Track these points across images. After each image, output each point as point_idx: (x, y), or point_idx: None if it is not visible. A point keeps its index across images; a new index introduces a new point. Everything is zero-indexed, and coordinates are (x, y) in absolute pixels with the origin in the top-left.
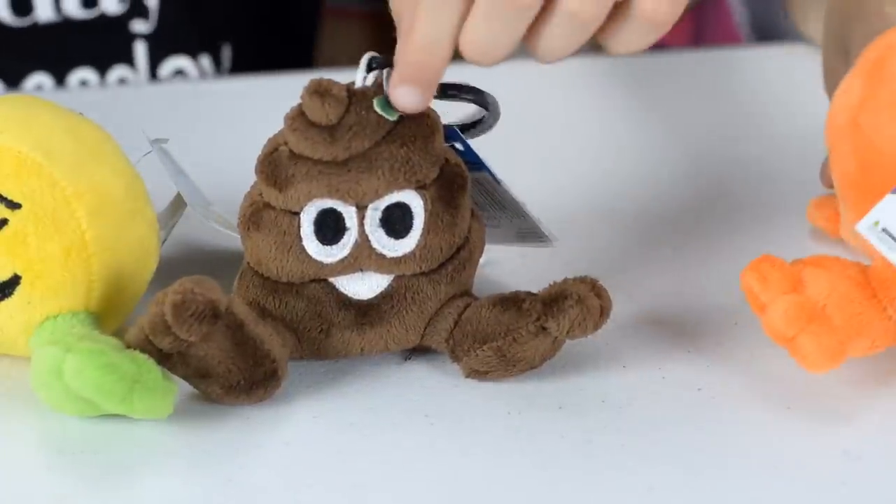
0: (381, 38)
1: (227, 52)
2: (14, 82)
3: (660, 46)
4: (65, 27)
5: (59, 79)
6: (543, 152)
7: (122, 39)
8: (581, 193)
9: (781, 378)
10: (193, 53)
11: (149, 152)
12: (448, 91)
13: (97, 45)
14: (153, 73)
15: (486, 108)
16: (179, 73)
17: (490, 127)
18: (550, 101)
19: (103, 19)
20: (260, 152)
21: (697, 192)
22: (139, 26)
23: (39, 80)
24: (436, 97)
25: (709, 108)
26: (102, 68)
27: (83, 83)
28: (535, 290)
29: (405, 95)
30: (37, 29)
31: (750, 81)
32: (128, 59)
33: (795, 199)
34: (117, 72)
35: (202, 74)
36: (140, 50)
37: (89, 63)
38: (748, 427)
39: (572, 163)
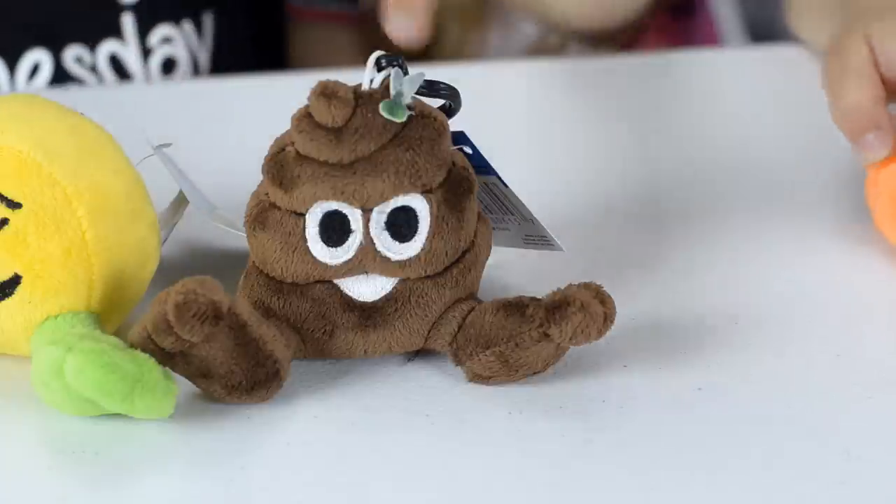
0: (353, 39)
1: (208, 20)
2: (13, 59)
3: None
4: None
5: (55, 54)
6: (543, 153)
7: (109, 12)
8: (582, 194)
9: (781, 378)
10: (177, 20)
11: (150, 155)
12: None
13: (86, 19)
14: (142, 43)
15: (451, 101)
16: (167, 41)
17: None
18: (549, 101)
19: None
20: (267, 152)
21: (697, 192)
22: None
23: (37, 56)
24: (423, 94)
25: (708, 109)
26: (93, 44)
27: (79, 60)
28: (539, 292)
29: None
30: (27, 1)
31: (748, 82)
32: (116, 32)
33: (795, 199)
34: (107, 46)
35: (186, 42)
36: (128, 21)
37: (80, 40)
38: (748, 427)
39: (572, 163)
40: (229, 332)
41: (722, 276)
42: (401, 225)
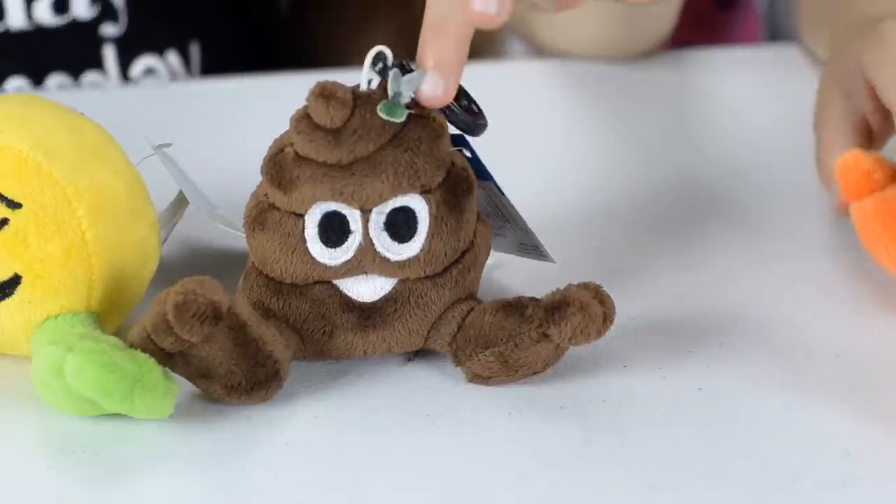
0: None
1: (195, 50)
2: None
3: (685, 45)
4: (37, 34)
5: (37, 83)
6: (543, 153)
7: (91, 43)
8: (581, 194)
9: (781, 378)
10: (160, 51)
11: (150, 155)
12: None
13: (68, 50)
14: (124, 75)
15: (472, 131)
16: (150, 71)
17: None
18: (549, 102)
19: (75, 24)
20: (266, 153)
21: (697, 192)
22: (109, 29)
23: (18, 84)
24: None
25: (707, 109)
26: (75, 73)
27: (62, 87)
28: (538, 292)
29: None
30: (9, 35)
31: (749, 81)
32: (97, 64)
33: (795, 199)
34: (89, 77)
35: (171, 72)
36: (109, 53)
37: (63, 69)
38: (748, 427)
39: (572, 163)
40: (229, 332)
41: (722, 277)
42: (400, 225)
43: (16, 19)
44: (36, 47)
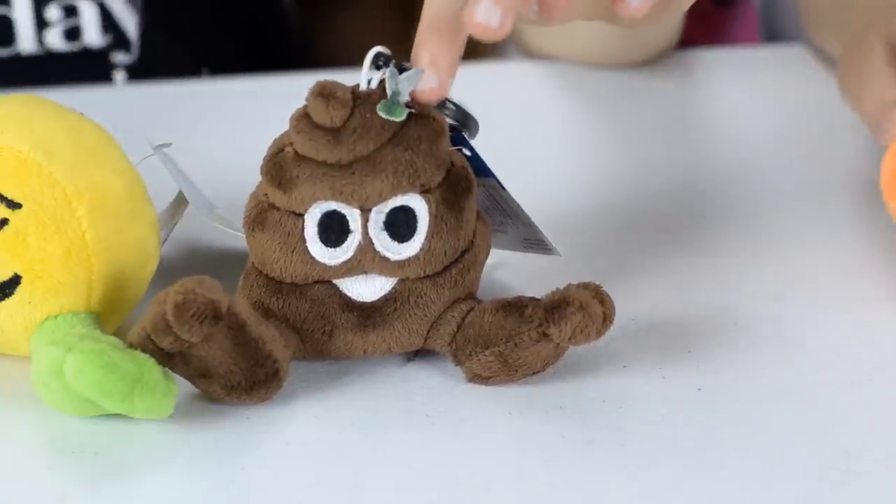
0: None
1: (207, 77)
2: None
3: (683, 43)
4: (48, 59)
5: None
6: (542, 153)
7: (102, 71)
8: (582, 194)
9: (781, 378)
10: (172, 78)
11: (150, 155)
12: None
13: (79, 76)
14: None
15: (467, 126)
16: None
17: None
18: (548, 102)
19: (86, 52)
20: (266, 153)
21: (697, 192)
22: (120, 57)
23: None
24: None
25: (707, 109)
26: None
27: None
28: (538, 292)
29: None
30: (20, 59)
31: (751, 82)
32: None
33: (796, 199)
34: None
35: None
36: (120, 79)
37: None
38: (748, 427)
39: (572, 164)
40: (228, 331)
41: (722, 277)
42: (399, 225)
43: (27, 44)
44: (46, 72)
